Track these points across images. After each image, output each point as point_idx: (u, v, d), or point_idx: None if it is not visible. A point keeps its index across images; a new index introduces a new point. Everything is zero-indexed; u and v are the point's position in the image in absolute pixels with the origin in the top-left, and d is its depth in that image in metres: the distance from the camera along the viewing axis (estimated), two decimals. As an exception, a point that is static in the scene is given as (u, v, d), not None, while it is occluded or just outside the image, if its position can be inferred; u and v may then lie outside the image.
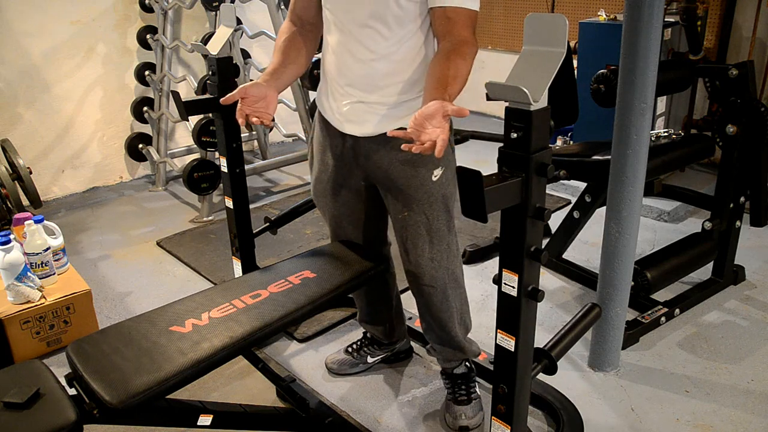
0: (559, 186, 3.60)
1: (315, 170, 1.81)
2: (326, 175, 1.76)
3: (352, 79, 1.58)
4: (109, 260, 3.03)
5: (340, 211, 1.81)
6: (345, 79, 1.59)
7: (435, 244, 1.67)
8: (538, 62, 1.11)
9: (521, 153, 1.14)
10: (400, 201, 1.65)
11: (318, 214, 3.40)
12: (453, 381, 1.91)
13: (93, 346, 1.40)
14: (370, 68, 1.54)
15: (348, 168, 1.71)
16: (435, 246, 1.68)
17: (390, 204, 1.70)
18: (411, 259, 1.71)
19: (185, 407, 1.51)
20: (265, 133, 4.32)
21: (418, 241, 1.67)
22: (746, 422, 1.86)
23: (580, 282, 2.66)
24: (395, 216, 1.70)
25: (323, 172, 1.77)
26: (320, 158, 1.77)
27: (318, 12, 1.66)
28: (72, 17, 3.62)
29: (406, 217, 1.66)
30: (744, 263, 2.64)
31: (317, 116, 1.77)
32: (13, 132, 3.53)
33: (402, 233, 1.70)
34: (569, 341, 1.49)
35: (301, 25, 1.71)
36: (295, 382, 1.92)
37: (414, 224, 1.66)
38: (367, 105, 1.58)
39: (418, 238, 1.67)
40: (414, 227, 1.66)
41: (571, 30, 1.87)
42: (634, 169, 1.85)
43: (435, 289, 1.73)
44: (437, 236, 1.67)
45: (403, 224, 1.68)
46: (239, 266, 2.22)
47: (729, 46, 3.60)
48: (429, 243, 1.67)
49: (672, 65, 2.61)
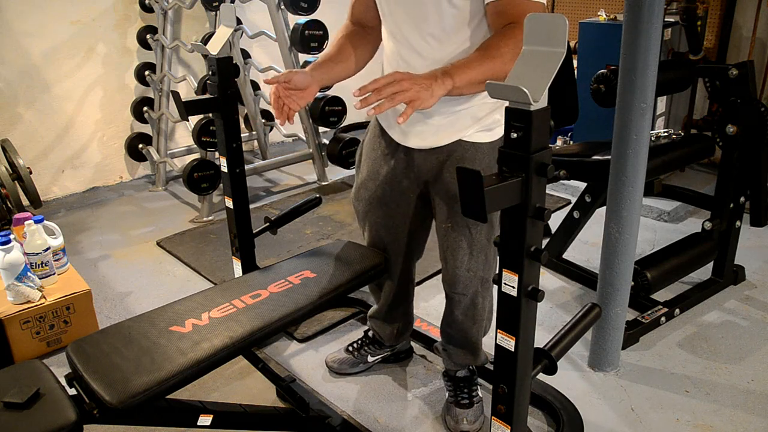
0: (559, 186, 3.60)
1: (362, 175, 1.78)
2: (375, 183, 1.73)
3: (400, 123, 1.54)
4: (109, 260, 3.03)
5: (383, 221, 1.79)
6: None
7: (474, 256, 1.66)
8: (538, 62, 1.11)
9: (521, 153, 1.14)
10: (445, 210, 1.63)
11: (318, 214, 3.41)
12: (455, 384, 1.91)
13: (93, 346, 1.40)
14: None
15: (399, 179, 1.69)
16: (474, 258, 1.66)
17: (436, 211, 1.68)
18: (449, 268, 1.70)
19: (185, 407, 1.51)
20: (265, 133, 4.32)
21: (458, 253, 1.66)
22: (746, 422, 1.86)
23: (580, 282, 2.66)
24: (439, 224, 1.68)
25: (372, 179, 1.74)
26: (371, 165, 1.74)
27: (377, 15, 1.61)
28: (72, 17, 3.62)
29: (449, 228, 1.64)
30: (744, 263, 2.64)
31: (373, 122, 1.74)
32: (13, 132, 3.53)
33: (443, 242, 1.68)
34: (569, 341, 1.49)
35: (361, 26, 1.68)
36: (295, 382, 1.93)
37: (456, 236, 1.64)
38: (424, 115, 1.54)
39: (458, 250, 1.66)
40: (456, 239, 1.65)
41: (571, 30, 1.87)
42: (634, 169, 1.85)
43: (466, 296, 1.73)
44: (477, 248, 1.65)
45: (445, 234, 1.66)
46: (239, 266, 2.22)
47: (729, 46, 3.60)
48: (468, 255, 1.66)
49: (672, 65, 2.61)
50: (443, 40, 1.46)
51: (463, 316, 1.77)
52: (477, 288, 1.71)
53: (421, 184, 1.68)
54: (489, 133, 1.56)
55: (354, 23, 1.70)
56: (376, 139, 1.72)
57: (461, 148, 1.56)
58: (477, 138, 1.55)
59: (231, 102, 1.99)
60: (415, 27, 1.48)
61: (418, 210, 1.75)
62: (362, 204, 1.81)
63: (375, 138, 1.72)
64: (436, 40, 1.47)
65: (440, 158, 1.59)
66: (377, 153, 1.72)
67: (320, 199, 2.24)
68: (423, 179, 1.66)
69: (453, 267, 1.68)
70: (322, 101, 3.59)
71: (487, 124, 1.55)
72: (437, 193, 1.64)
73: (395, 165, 1.68)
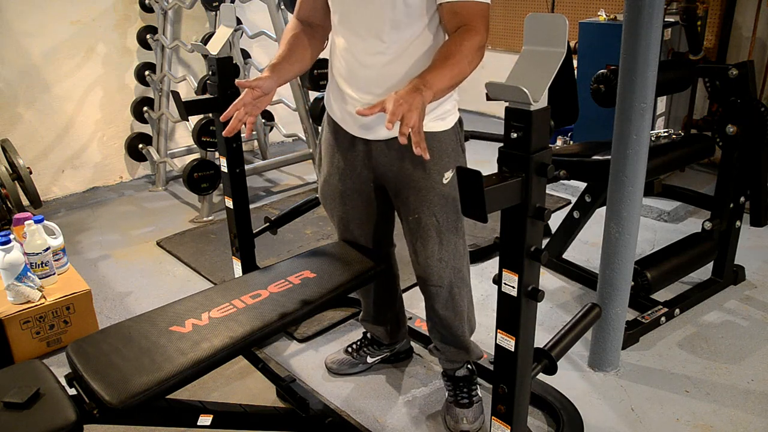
0: (559, 186, 3.60)
1: (324, 172, 1.80)
2: (335, 177, 1.75)
3: (362, 83, 1.57)
4: (109, 260, 3.03)
5: (349, 214, 1.81)
6: (355, 82, 1.58)
7: (444, 245, 1.67)
8: (538, 62, 1.11)
9: (521, 153, 1.14)
10: (410, 203, 1.65)
11: (318, 214, 3.41)
12: (455, 383, 1.90)
13: (93, 346, 1.40)
14: (379, 71, 1.53)
15: (358, 171, 1.71)
16: (444, 247, 1.68)
17: (400, 206, 1.70)
18: (420, 261, 1.71)
19: (185, 407, 1.51)
20: (265, 133, 4.32)
21: (428, 242, 1.67)
22: (746, 422, 1.86)
23: (580, 282, 2.66)
24: (405, 218, 1.70)
25: (332, 174, 1.76)
26: (329, 161, 1.76)
27: (325, 14, 1.65)
28: (72, 17, 3.62)
29: (417, 219, 1.65)
30: (744, 263, 2.64)
31: (326, 118, 1.76)
32: (13, 132, 3.53)
33: (412, 235, 1.70)
34: (569, 341, 1.49)
35: (308, 25, 1.70)
36: (295, 382, 1.93)
37: (424, 226, 1.65)
38: None
39: (428, 240, 1.67)
40: (424, 229, 1.66)
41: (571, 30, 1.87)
42: (634, 169, 1.85)
43: (442, 288, 1.73)
44: (446, 237, 1.67)
45: (413, 226, 1.68)
46: (239, 266, 2.22)
47: (729, 46, 3.60)
48: (438, 244, 1.67)
49: (672, 65, 2.61)
50: (394, 36, 1.49)
51: (443, 309, 1.77)
52: (451, 278, 1.72)
53: (380, 176, 1.69)
54: (443, 122, 1.60)
55: (301, 21, 1.71)
56: (332, 134, 1.74)
57: None
58: (431, 127, 1.58)
59: (231, 102, 1.98)
60: (368, 23, 1.50)
61: (381, 201, 1.77)
62: (327, 200, 1.84)
63: (331, 134, 1.74)
64: (387, 37, 1.49)
65: (398, 150, 1.61)
66: (335, 149, 1.73)
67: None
68: (381, 170, 1.67)
69: (424, 258, 1.70)
70: (322, 101, 3.59)
71: (438, 114, 1.59)
72: (400, 186, 1.65)
73: (354, 157, 1.69)
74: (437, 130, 1.60)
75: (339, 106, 1.67)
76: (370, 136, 1.62)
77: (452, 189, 1.62)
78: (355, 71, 1.57)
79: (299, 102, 3.76)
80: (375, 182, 1.72)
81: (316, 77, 3.54)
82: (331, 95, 1.70)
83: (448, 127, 1.61)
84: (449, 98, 1.60)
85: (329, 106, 1.72)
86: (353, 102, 1.61)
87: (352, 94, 1.60)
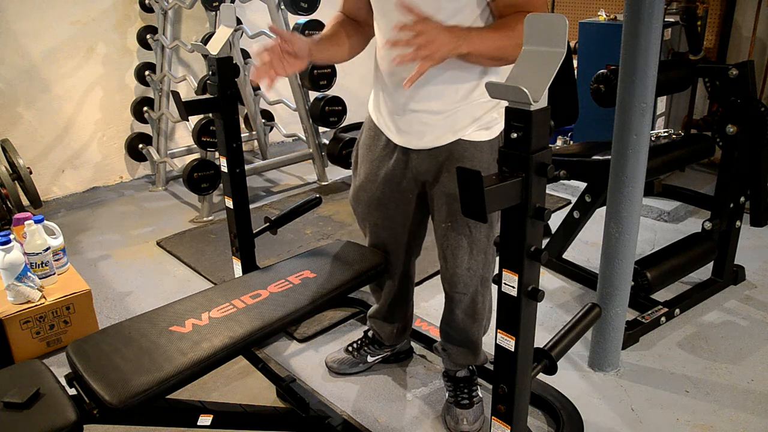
0: (559, 186, 3.60)
1: (360, 177, 1.77)
2: (374, 185, 1.72)
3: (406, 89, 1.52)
4: (109, 260, 3.03)
5: (384, 222, 1.78)
6: (397, 84, 1.54)
7: (474, 255, 1.66)
8: (538, 62, 1.11)
9: (521, 153, 1.14)
10: (445, 210, 1.63)
11: (318, 214, 3.41)
12: (455, 384, 1.90)
13: (93, 346, 1.40)
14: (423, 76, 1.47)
15: (398, 180, 1.68)
16: (474, 257, 1.66)
17: (435, 212, 1.68)
18: (449, 267, 1.70)
19: (185, 407, 1.51)
20: (265, 133, 4.32)
21: (458, 251, 1.66)
22: (746, 422, 1.86)
23: (580, 282, 2.66)
24: (438, 224, 1.68)
25: (370, 181, 1.73)
26: (368, 167, 1.73)
27: (369, 12, 1.61)
28: (72, 17, 3.62)
29: (449, 227, 1.64)
30: (744, 263, 2.64)
31: (368, 123, 1.73)
32: (13, 132, 3.53)
33: (443, 241, 1.68)
34: (569, 341, 1.49)
35: (353, 19, 1.68)
36: (295, 382, 1.92)
37: (456, 235, 1.64)
38: (420, 114, 1.54)
39: (458, 249, 1.65)
40: (456, 238, 1.64)
41: (571, 30, 1.87)
42: (634, 169, 1.85)
43: (466, 296, 1.73)
44: (477, 247, 1.65)
45: (445, 233, 1.66)
46: (239, 266, 2.22)
47: (729, 46, 3.60)
48: (469, 254, 1.65)
49: (672, 65, 2.61)
50: None
51: (463, 315, 1.77)
52: (477, 287, 1.71)
53: (419, 184, 1.67)
54: (487, 132, 1.56)
55: (346, 14, 1.70)
56: (372, 140, 1.71)
57: (460, 147, 1.55)
58: (476, 137, 1.55)
59: (231, 102, 1.99)
60: None
61: (417, 209, 1.75)
62: (362, 206, 1.81)
63: (371, 139, 1.72)
64: None
65: (439, 158, 1.58)
66: (374, 154, 1.71)
67: (320, 199, 2.24)
68: (421, 179, 1.65)
69: (453, 266, 1.68)
70: (322, 101, 3.60)
71: (485, 123, 1.55)
72: (436, 193, 1.64)
73: (393, 166, 1.67)
74: (482, 139, 1.55)
75: (381, 111, 1.64)
76: (413, 144, 1.60)
77: None
78: (395, 71, 1.53)
79: (299, 102, 3.76)
80: (414, 191, 1.70)
81: (316, 77, 3.55)
82: (374, 100, 1.67)
83: (494, 136, 1.56)
84: (497, 106, 1.54)
85: (372, 109, 1.69)
86: (395, 108, 1.58)
87: (393, 97, 1.57)
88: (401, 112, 1.57)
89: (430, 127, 1.55)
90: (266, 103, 4.14)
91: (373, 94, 1.69)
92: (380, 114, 1.65)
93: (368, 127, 1.73)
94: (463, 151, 1.55)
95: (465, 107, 1.52)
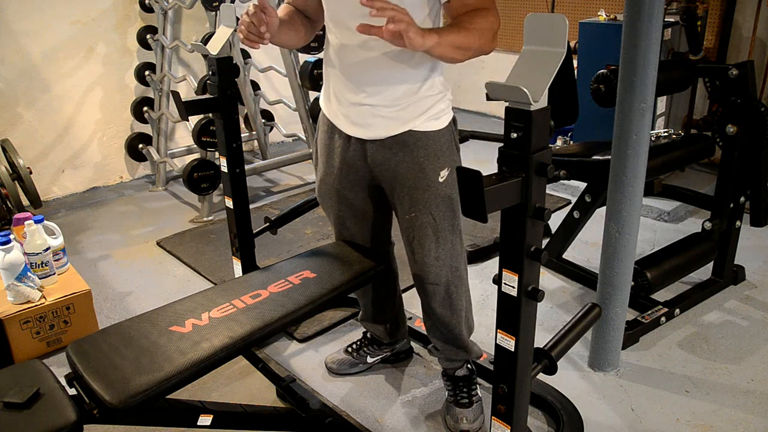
0: (559, 186, 3.60)
1: (320, 172, 1.80)
2: (331, 177, 1.76)
3: (357, 81, 1.57)
4: (109, 260, 3.03)
5: (345, 213, 1.81)
6: (349, 81, 1.58)
7: (441, 243, 1.68)
8: (538, 62, 1.11)
9: (521, 153, 1.14)
10: (406, 202, 1.65)
11: (318, 214, 3.41)
12: (454, 383, 1.90)
13: (93, 346, 1.40)
14: (374, 69, 1.53)
15: (354, 170, 1.71)
16: (441, 245, 1.68)
17: (396, 204, 1.70)
18: (417, 259, 1.71)
19: (185, 407, 1.51)
20: (265, 133, 4.32)
21: (425, 241, 1.67)
22: (746, 422, 1.86)
23: (580, 282, 2.66)
24: (402, 216, 1.70)
25: (328, 174, 1.76)
26: (325, 160, 1.76)
27: (318, 8, 1.64)
28: (72, 17, 3.62)
29: (413, 217, 1.66)
30: (744, 263, 2.64)
31: (321, 118, 1.76)
32: (13, 132, 3.53)
33: (408, 233, 1.70)
34: (569, 341, 1.49)
35: (302, 12, 1.70)
36: (295, 382, 1.92)
37: (420, 224, 1.66)
38: (373, 107, 1.57)
39: (424, 238, 1.67)
40: (420, 227, 1.66)
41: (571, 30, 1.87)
42: (634, 169, 1.85)
43: (439, 286, 1.73)
44: (443, 236, 1.67)
45: (409, 224, 1.68)
46: (239, 266, 2.22)
47: (729, 46, 3.60)
48: (435, 242, 1.67)
49: (672, 65, 2.61)
50: None
51: (440, 308, 1.77)
52: (448, 276, 1.72)
53: (377, 175, 1.69)
54: (437, 122, 1.61)
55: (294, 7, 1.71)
56: (327, 134, 1.74)
57: (412, 138, 1.59)
58: (426, 127, 1.59)
59: (231, 102, 1.99)
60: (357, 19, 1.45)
61: (377, 198, 1.78)
62: (324, 199, 1.84)
63: (326, 133, 1.74)
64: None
65: (393, 149, 1.61)
66: (331, 148, 1.73)
67: (320, 199, 2.24)
68: (378, 170, 1.67)
69: (421, 256, 1.70)
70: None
71: (433, 114, 1.59)
72: (396, 185, 1.66)
73: (350, 156, 1.69)
74: (432, 129, 1.60)
75: (333, 105, 1.67)
76: (365, 135, 1.63)
77: (448, 188, 1.62)
78: (348, 69, 1.57)
79: (299, 102, 3.76)
80: (371, 181, 1.72)
81: (316, 77, 3.54)
82: (325, 94, 1.70)
83: (443, 126, 1.61)
84: (443, 98, 1.60)
85: (324, 105, 1.73)
86: (347, 101, 1.61)
87: (346, 93, 1.60)
88: (353, 106, 1.61)
89: (381, 119, 1.59)
90: (266, 103, 4.14)
91: (323, 90, 1.72)
92: (333, 108, 1.68)
93: (322, 122, 1.76)
94: (416, 140, 1.59)
95: (414, 101, 1.57)
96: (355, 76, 1.57)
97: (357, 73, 1.56)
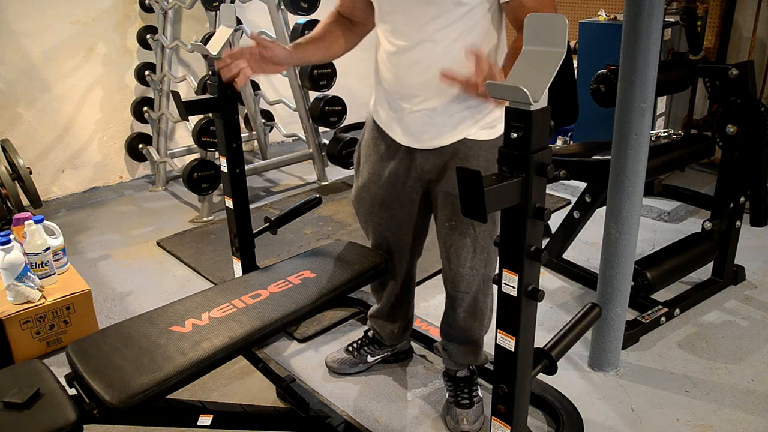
0: (559, 186, 3.60)
1: (362, 178, 1.77)
2: (376, 185, 1.73)
3: (411, 86, 1.53)
4: (109, 260, 3.03)
5: (387, 222, 1.79)
6: (403, 86, 1.55)
7: (477, 254, 1.66)
8: (538, 62, 1.11)
9: (521, 153, 1.14)
10: (449, 210, 1.63)
11: (318, 214, 3.41)
12: (455, 384, 1.90)
13: (93, 346, 1.40)
14: (429, 72, 1.48)
15: (402, 180, 1.68)
16: (477, 256, 1.66)
17: (439, 210, 1.67)
18: (452, 267, 1.70)
19: (185, 407, 1.50)
20: (265, 133, 4.32)
21: (462, 250, 1.66)
22: (746, 422, 1.86)
23: (580, 282, 2.66)
24: (441, 223, 1.68)
25: (373, 182, 1.73)
26: (371, 167, 1.73)
27: (365, 12, 1.62)
28: (72, 17, 3.62)
29: (453, 226, 1.64)
30: (744, 263, 2.64)
31: (370, 123, 1.73)
32: (13, 132, 3.53)
33: (446, 240, 1.68)
34: (569, 341, 1.49)
35: (348, 18, 1.69)
36: (295, 382, 1.92)
37: (460, 234, 1.64)
38: (428, 113, 1.54)
39: (462, 248, 1.65)
40: (460, 237, 1.64)
41: (571, 30, 1.87)
42: (634, 169, 1.85)
43: (469, 295, 1.73)
44: (480, 246, 1.65)
45: (448, 232, 1.66)
46: (239, 266, 2.22)
47: (729, 46, 3.60)
48: (472, 253, 1.65)
49: (672, 65, 2.61)
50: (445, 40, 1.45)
51: (465, 313, 1.77)
52: (479, 286, 1.72)
53: (424, 184, 1.67)
54: (491, 131, 1.57)
55: (340, 13, 1.70)
56: (375, 140, 1.71)
57: (465, 147, 1.56)
58: (480, 136, 1.56)
59: (231, 102, 1.99)
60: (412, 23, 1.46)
61: (421, 209, 1.75)
62: (364, 207, 1.81)
63: (374, 139, 1.71)
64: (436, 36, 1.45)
65: (444, 158, 1.59)
66: (378, 155, 1.71)
67: (320, 199, 2.24)
68: (425, 179, 1.65)
69: (456, 265, 1.68)
70: (322, 101, 3.60)
71: (488, 122, 1.56)
72: (440, 193, 1.64)
73: (397, 166, 1.67)
74: (485, 138, 1.56)
75: (385, 111, 1.63)
76: (419, 145, 1.60)
77: None
78: (403, 75, 1.54)
79: (299, 102, 3.76)
80: (417, 192, 1.70)
81: (316, 77, 3.55)
82: (377, 99, 1.67)
83: (496, 135, 1.57)
84: (498, 106, 1.54)
85: (375, 111, 1.69)
86: (400, 108, 1.58)
87: (400, 99, 1.57)
88: (405, 113, 1.58)
89: (435, 127, 1.56)
90: (266, 103, 4.14)
91: (374, 95, 1.69)
92: (383, 114, 1.65)
93: (370, 128, 1.73)
94: (468, 150, 1.56)
95: (469, 107, 1.53)
96: (410, 80, 1.53)
97: (412, 78, 1.52)
